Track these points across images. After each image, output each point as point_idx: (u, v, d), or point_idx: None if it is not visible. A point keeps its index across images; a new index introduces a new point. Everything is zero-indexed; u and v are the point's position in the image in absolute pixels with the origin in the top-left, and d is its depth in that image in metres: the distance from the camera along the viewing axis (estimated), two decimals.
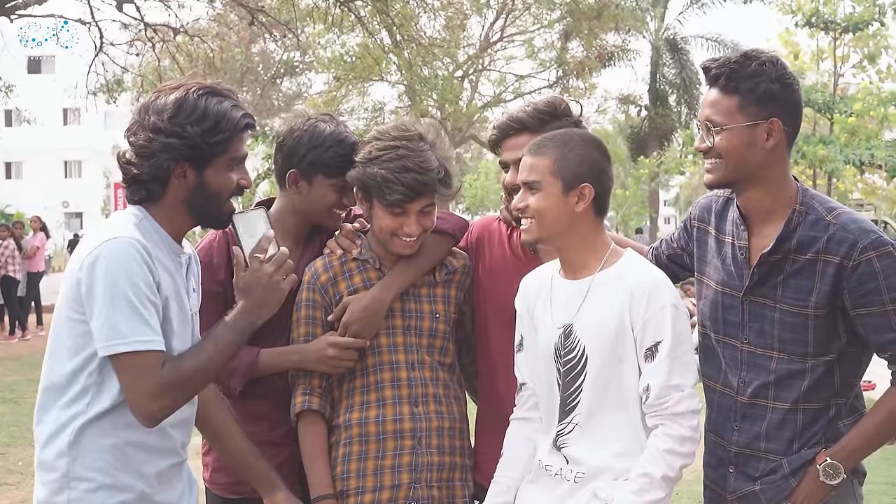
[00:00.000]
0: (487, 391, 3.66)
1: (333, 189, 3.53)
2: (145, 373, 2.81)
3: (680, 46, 37.78)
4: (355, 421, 3.42)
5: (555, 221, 3.13)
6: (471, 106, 34.28)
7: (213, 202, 3.01)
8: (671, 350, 3.02)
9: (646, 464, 3.00)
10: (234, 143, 2.97)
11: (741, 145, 3.07)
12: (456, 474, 3.49)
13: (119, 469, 2.91)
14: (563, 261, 3.25)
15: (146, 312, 2.82)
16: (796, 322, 3.10)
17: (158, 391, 2.82)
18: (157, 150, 2.90)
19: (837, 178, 23.66)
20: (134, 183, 2.98)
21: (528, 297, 3.33)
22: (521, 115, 3.48)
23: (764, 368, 3.16)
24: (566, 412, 3.15)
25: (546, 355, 3.22)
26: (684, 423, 3.01)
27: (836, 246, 3.03)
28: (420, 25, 27.87)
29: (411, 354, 3.48)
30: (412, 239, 3.40)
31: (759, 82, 3.05)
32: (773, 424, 3.16)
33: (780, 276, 3.12)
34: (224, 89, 3.01)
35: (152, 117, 2.92)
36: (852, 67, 26.22)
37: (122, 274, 2.80)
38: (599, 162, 3.18)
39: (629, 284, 3.08)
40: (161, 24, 19.53)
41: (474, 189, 52.23)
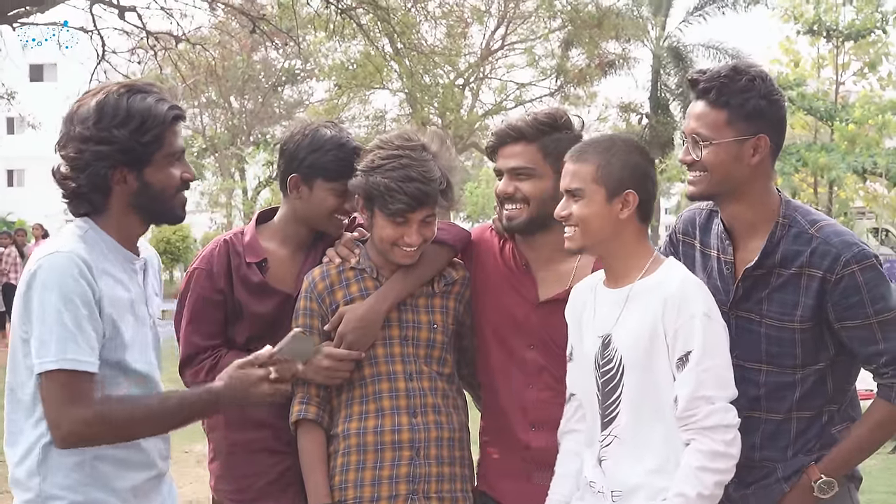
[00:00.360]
0: (489, 402, 3.64)
1: (333, 193, 3.52)
2: (67, 393, 2.71)
3: (683, 55, 37.77)
4: (353, 431, 3.41)
5: (599, 229, 3.09)
6: (472, 114, 34.31)
7: (159, 201, 2.91)
8: (700, 360, 2.95)
9: (680, 483, 2.93)
10: (167, 138, 2.87)
11: (727, 160, 3.06)
12: (456, 485, 3.47)
13: (89, 485, 2.83)
14: (607, 269, 3.21)
15: (78, 331, 2.72)
16: (783, 336, 3.09)
17: (89, 419, 2.73)
18: (89, 160, 2.80)
19: (838, 186, 23.68)
20: (75, 197, 2.89)
21: (576, 306, 3.29)
22: (519, 125, 3.45)
23: (753, 382, 3.14)
24: (606, 424, 3.11)
25: (588, 365, 3.18)
26: (716, 438, 2.93)
27: (819, 259, 3.02)
28: (421, 33, 27.88)
29: (409, 365, 3.46)
30: (412, 249, 3.38)
31: (748, 98, 3.03)
32: (767, 434, 3.15)
33: (766, 291, 3.11)
34: (145, 84, 2.89)
35: (77, 127, 2.82)
36: (853, 75, 26.26)
37: (56, 290, 2.71)
38: (643, 167, 3.14)
39: (664, 292, 3.03)
40: (163, 33, 19.52)
41: (475, 197, 52.18)
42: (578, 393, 3.27)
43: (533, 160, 3.42)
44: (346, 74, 31.05)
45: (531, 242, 3.52)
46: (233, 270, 3.59)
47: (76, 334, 2.72)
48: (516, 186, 3.43)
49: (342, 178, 3.47)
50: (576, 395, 3.29)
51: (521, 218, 3.44)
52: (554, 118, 3.45)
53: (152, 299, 3.06)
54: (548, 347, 3.46)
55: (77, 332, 2.72)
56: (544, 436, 3.43)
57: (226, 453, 3.63)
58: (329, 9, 20.65)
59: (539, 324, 3.47)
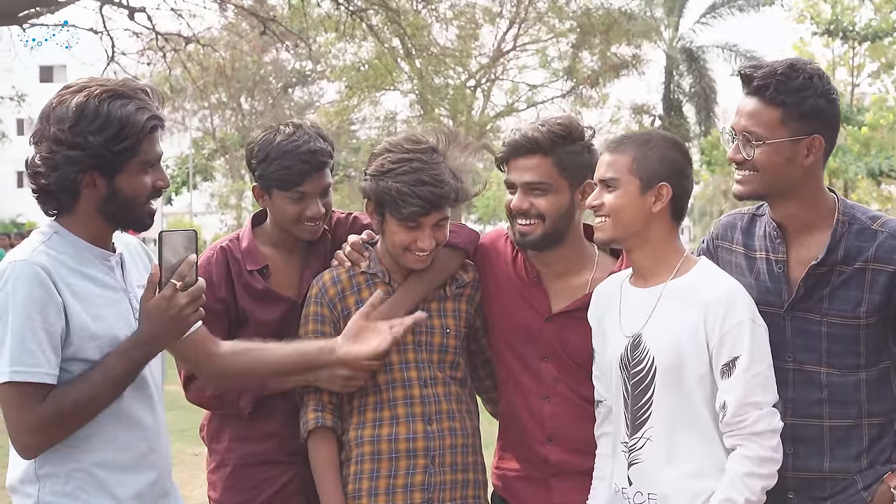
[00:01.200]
0: (506, 412, 3.57)
1: (290, 201, 3.47)
2: (22, 405, 2.68)
3: (696, 56, 37.71)
4: (367, 438, 3.35)
5: (631, 220, 3.06)
6: (483, 115, 34.33)
7: (127, 208, 2.86)
8: (749, 366, 2.92)
9: (726, 489, 2.89)
10: (142, 147, 2.80)
11: (780, 160, 2.99)
12: (469, 492, 3.43)
13: (89, 493, 2.79)
14: (635, 266, 3.17)
15: (33, 340, 2.68)
16: (846, 334, 3.02)
17: (36, 426, 2.69)
18: (60, 162, 2.75)
19: (852, 189, 23.63)
20: (43, 194, 2.84)
21: (598, 307, 3.27)
22: (535, 136, 3.31)
23: (815, 385, 3.06)
24: (637, 426, 3.07)
25: (614, 366, 3.14)
26: (764, 443, 2.90)
27: (887, 254, 2.97)
28: (432, 35, 27.87)
29: (423, 371, 3.40)
30: (425, 254, 3.32)
31: (806, 96, 2.96)
32: (836, 443, 3.06)
33: (827, 289, 3.04)
34: (129, 90, 2.82)
35: (53, 127, 2.76)
36: (868, 77, 26.21)
37: (11, 300, 2.68)
38: (679, 163, 3.11)
39: (704, 296, 2.99)
40: (173, 34, 19.54)
41: (486, 199, 52.22)
42: (606, 397, 3.23)
43: (549, 174, 3.32)
44: (356, 76, 31.06)
45: (544, 256, 3.44)
46: (234, 278, 3.55)
47: (30, 344, 2.68)
48: (531, 202, 3.33)
49: (294, 186, 3.43)
50: (604, 401, 3.25)
51: (536, 234, 3.35)
52: (569, 129, 3.34)
53: (137, 291, 2.96)
54: (562, 360, 3.40)
55: (32, 342, 2.68)
56: (562, 449, 3.39)
57: (230, 466, 3.60)
58: (339, 10, 20.65)
59: (552, 336, 3.40)
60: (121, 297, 2.91)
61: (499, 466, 3.59)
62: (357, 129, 38.42)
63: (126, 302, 2.92)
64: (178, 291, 2.76)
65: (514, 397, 3.49)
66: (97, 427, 2.79)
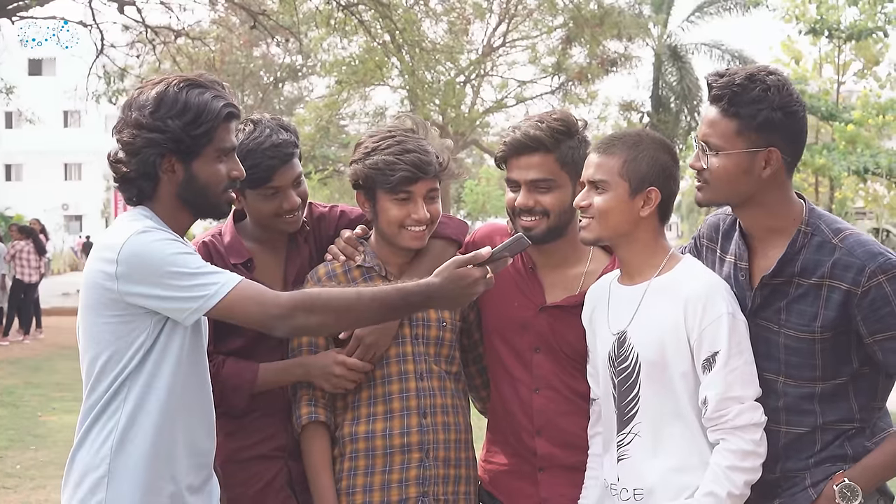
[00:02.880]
0: (496, 404, 3.60)
1: (264, 198, 3.46)
2: (253, 297, 2.85)
3: (681, 54, 37.75)
4: (362, 434, 3.36)
5: (618, 223, 3.08)
6: (473, 111, 34.28)
7: (204, 194, 3.00)
8: (728, 360, 2.93)
9: (710, 483, 2.91)
10: (217, 134, 2.96)
11: (736, 171, 2.96)
12: (461, 487, 3.44)
13: (157, 472, 2.91)
14: (622, 265, 3.19)
15: (205, 266, 2.86)
16: (802, 347, 2.98)
17: (285, 303, 2.85)
18: (141, 145, 2.90)
19: (837, 187, 23.71)
20: (125, 181, 2.99)
21: (590, 306, 3.29)
22: (537, 134, 3.33)
23: (774, 392, 3.02)
24: (625, 422, 3.09)
25: (602, 363, 3.17)
26: (745, 437, 2.92)
27: (841, 272, 2.90)
28: (422, 30, 27.85)
29: (420, 364, 3.41)
30: (421, 228, 3.36)
31: (760, 109, 2.92)
32: (789, 446, 3.03)
33: (784, 301, 3.00)
34: (206, 80, 3.00)
35: (134, 113, 2.92)
36: (853, 75, 26.30)
37: (162, 254, 2.82)
38: (669, 166, 3.12)
39: (685, 292, 3.00)
40: (162, 27, 19.55)
41: (475, 195, 52.23)
42: (599, 396, 3.26)
43: (552, 171, 3.34)
44: (346, 70, 31.00)
45: (542, 248, 3.45)
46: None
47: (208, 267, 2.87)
48: (536, 199, 3.35)
49: (264, 182, 3.42)
50: (597, 399, 3.27)
51: (540, 229, 3.36)
52: (567, 125, 3.36)
53: None
54: (555, 352, 3.42)
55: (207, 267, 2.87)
56: (550, 443, 3.41)
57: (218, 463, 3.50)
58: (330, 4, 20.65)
59: (545, 327, 3.42)
60: None
61: (486, 460, 3.60)
62: (346, 124, 38.40)
63: None
64: (485, 278, 2.95)
65: (505, 389, 3.51)
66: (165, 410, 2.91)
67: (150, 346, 2.89)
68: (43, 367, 15.64)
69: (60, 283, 33.34)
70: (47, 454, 9.52)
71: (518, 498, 3.48)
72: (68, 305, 24.44)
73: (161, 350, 2.90)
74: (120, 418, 2.89)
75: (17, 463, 9.22)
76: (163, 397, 2.90)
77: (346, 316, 2.95)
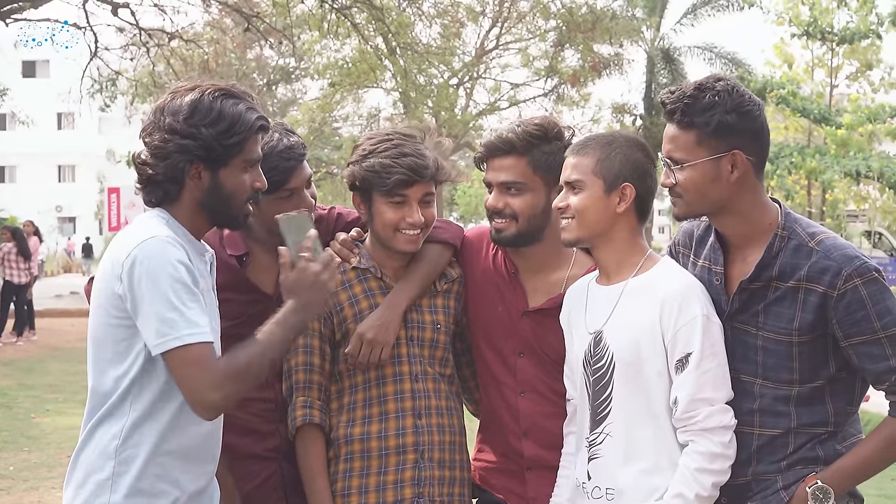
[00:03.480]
0: (485, 406, 3.62)
1: (281, 201, 3.42)
2: (200, 364, 2.79)
3: (673, 57, 37.79)
4: (357, 436, 3.37)
5: (595, 221, 3.10)
6: (466, 113, 34.34)
7: (227, 203, 3.00)
8: (700, 362, 2.95)
9: (678, 484, 2.93)
10: (248, 145, 2.98)
11: (704, 181, 2.99)
12: (455, 489, 3.46)
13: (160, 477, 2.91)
14: (600, 265, 3.21)
15: (192, 306, 2.81)
16: (779, 349, 3.00)
17: (218, 381, 2.79)
18: (172, 150, 2.91)
19: (829, 190, 23.74)
20: (150, 184, 2.99)
21: (568, 307, 3.31)
22: (510, 137, 3.37)
23: (749, 395, 3.04)
24: (597, 422, 3.10)
25: (577, 363, 3.18)
26: (714, 439, 2.93)
27: (818, 274, 2.92)
28: (416, 33, 27.88)
29: (415, 366, 3.43)
30: (416, 232, 3.37)
31: (713, 115, 2.95)
32: (761, 449, 3.04)
33: (762, 304, 3.02)
34: (240, 91, 3.02)
35: (168, 118, 2.92)
36: (846, 78, 26.36)
37: (163, 271, 2.80)
38: (643, 163, 3.14)
39: (661, 292, 3.02)
40: (156, 29, 19.55)
41: (468, 197, 52.27)
42: (573, 396, 3.27)
43: (523, 174, 3.37)
44: (340, 73, 31.03)
45: (522, 252, 3.49)
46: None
47: (192, 310, 2.81)
48: (506, 202, 3.38)
49: (280, 185, 3.40)
50: (572, 399, 3.29)
51: (510, 232, 3.40)
52: (545, 129, 3.38)
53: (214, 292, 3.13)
54: (537, 355, 3.44)
55: (192, 308, 2.82)
56: (536, 444, 3.43)
57: None
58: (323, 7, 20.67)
59: (528, 332, 3.45)
60: (211, 293, 3.06)
61: (477, 458, 3.62)
62: (340, 126, 38.44)
63: (214, 298, 3.08)
64: (310, 262, 2.95)
65: (492, 392, 3.53)
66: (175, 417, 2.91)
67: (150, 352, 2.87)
68: (36, 369, 15.61)
69: (53, 285, 33.30)
70: (40, 456, 9.52)
71: (509, 495, 3.51)
72: (61, 307, 24.46)
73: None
74: (126, 422, 2.89)
75: (10, 464, 9.21)
76: (173, 404, 2.89)
77: (261, 373, 2.91)
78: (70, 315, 22.02)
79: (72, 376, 14.42)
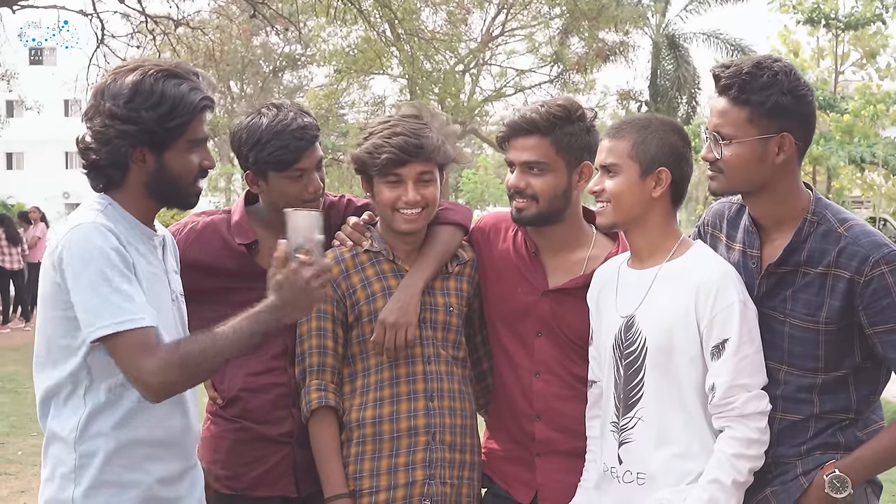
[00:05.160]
0: (498, 388, 3.62)
1: (289, 180, 3.45)
2: (140, 348, 2.72)
3: (679, 43, 37.66)
4: (369, 419, 3.39)
5: (631, 205, 3.10)
6: (471, 100, 34.29)
7: (174, 185, 2.95)
8: (738, 348, 2.95)
9: (714, 470, 2.94)
10: (191, 126, 2.91)
11: (750, 159, 2.98)
12: (465, 472, 3.48)
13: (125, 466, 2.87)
14: (633, 249, 3.21)
15: (128, 289, 2.75)
16: (806, 337, 3.00)
17: (159, 368, 2.72)
18: (113, 136, 2.84)
19: (835, 176, 23.70)
20: (93, 169, 2.93)
21: (597, 288, 3.30)
22: (533, 117, 3.36)
23: (774, 381, 3.04)
24: (629, 406, 3.10)
25: (607, 346, 3.18)
26: (751, 425, 2.94)
27: (846, 260, 2.91)
28: (422, 19, 27.86)
29: (427, 348, 3.44)
30: (414, 211, 3.38)
31: (770, 94, 2.94)
32: (782, 432, 3.04)
33: (790, 290, 3.02)
34: (183, 71, 2.93)
35: (108, 102, 2.85)
36: (852, 65, 26.27)
37: (93, 257, 2.74)
38: (679, 147, 3.14)
39: (696, 278, 3.02)
40: (162, 16, 19.52)
41: (473, 183, 52.20)
42: (599, 378, 3.27)
43: (546, 154, 3.37)
44: (346, 60, 31.01)
45: (542, 231, 3.50)
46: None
47: (128, 293, 2.75)
48: (527, 182, 3.39)
49: (291, 164, 3.42)
50: (597, 381, 3.29)
51: (530, 212, 3.41)
52: (568, 111, 3.38)
53: (173, 276, 3.09)
54: (556, 337, 3.45)
55: (129, 291, 2.75)
56: (549, 427, 3.44)
57: (223, 439, 3.59)
58: None
59: (548, 312, 3.45)
60: (162, 277, 3.00)
61: (485, 447, 3.62)
62: (346, 113, 38.41)
63: (166, 283, 3.02)
64: (305, 266, 2.85)
65: (506, 373, 3.53)
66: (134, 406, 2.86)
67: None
68: None
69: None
70: None
71: (515, 483, 3.51)
72: None
73: None
74: (82, 414, 2.84)
75: (19, 449, 9.25)
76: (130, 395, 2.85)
77: (214, 363, 2.85)
78: None
79: None
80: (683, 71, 36.50)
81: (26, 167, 63.19)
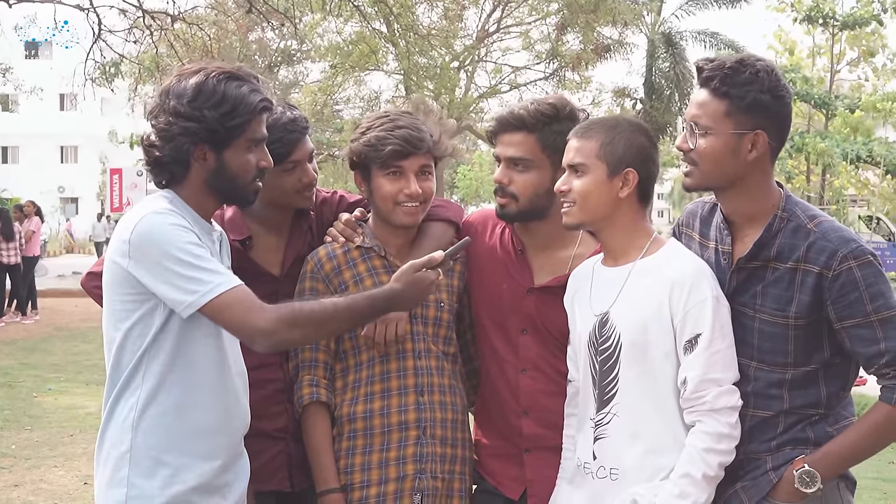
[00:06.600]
0: (485, 384, 3.64)
1: (284, 173, 3.50)
2: (247, 305, 2.87)
3: (675, 41, 37.67)
4: (360, 414, 3.41)
5: (597, 205, 3.13)
6: (467, 96, 34.25)
7: (233, 183, 3.07)
8: (710, 343, 2.98)
9: (685, 464, 2.96)
10: (251, 126, 3.04)
11: (724, 152, 3.02)
12: (456, 467, 3.50)
13: (179, 451, 2.97)
14: (605, 248, 3.24)
15: (209, 260, 2.89)
16: (775, 332, 3.04)
17: (271, 318, 2.87)
18: (176, 133, 2.97)
19: (832, 174, 23.76)
20: (157, 165, 3.06)
21: (572, 288, 3.33)
22: (521, 113, 3.40)
23: (744, 377, 3.07)
24: (604, 402, 3.13)
25: (582, 343, 3.21)
26: (722, 420, 2.97)
27: (815, 255, 2.96)
28: (417, 15, 27.84)
29: (418, 343, 3.46)
30: (415, 204, 3.41)
31: (750, 90, 2.98)
32: (752, 429, 3.06)
33: (760, 285, 3.06)
34: (244, 73, 3.08)
35: (172, 101, 2.98)
36: (847, 64, 26.35)
37: (171, 238, 2.87)
38: (646, 148, 3.16)
39: (670, 274, 3.05)
40: (159, 11, 19.49)
41: (468, 180, 52.22)
42: (576, 378, 3.30)
43: (531, 151, 3.40)
44: (341, 55, 30.97)
45: (528, 229, 3.52)
46: None
47: (213, 264, 2.90)
48: (510, 178, 3.42)
49: (284, 157, 3.47)
50: (574, 380, 3.31)
51: (511, 209, 3.44)
52: (557, 109, 3.41)
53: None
54: (541, 334, 3.47)
55: (212, 262, 2.91)
56: (536, 423, 3.46)
57: None
58: None
59: (533, 309, 3.47)
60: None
61: (477, 441, 3.64)
62: (341, 108, 38.37)
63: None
64: (434, 273, 3.14)
65: (493, 369, 3.56)
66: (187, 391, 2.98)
67: (163, 323, 2.94)
68: (38, 348, 15.68)
69: (56, 265, 33.29)
70: (42, 434, 9.59)
71: (504, 479, 3.53)
72: (64, 287, 24.48)
73: (179, 328, 2.95)
74: (140, 395, 2.95)
75: (13, 443, 9.27)
76: (184, 376, 2.97)
77: (325, 327, 3.05)
78: (73, 295, 22.03)
79: (74, 356, 14.50)
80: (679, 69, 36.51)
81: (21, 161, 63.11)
